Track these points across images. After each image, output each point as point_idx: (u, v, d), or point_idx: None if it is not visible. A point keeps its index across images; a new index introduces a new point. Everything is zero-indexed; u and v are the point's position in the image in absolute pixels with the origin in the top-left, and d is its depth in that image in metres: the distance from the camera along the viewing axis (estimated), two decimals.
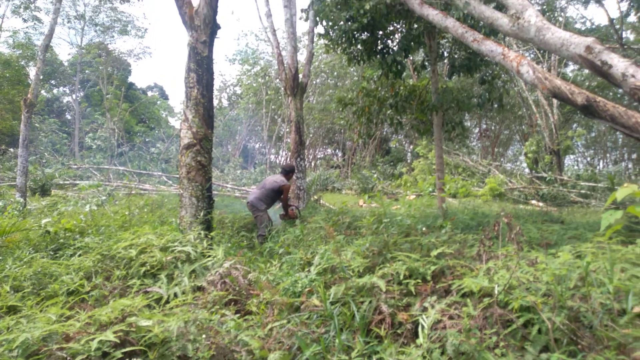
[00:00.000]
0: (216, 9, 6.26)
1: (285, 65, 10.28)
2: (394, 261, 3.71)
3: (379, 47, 9.34)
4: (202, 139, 5.82)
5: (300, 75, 10.53)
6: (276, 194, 7.45)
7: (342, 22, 8.89)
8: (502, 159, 34.85)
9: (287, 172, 7.88)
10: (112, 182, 16.70)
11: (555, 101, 21.44)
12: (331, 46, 9.67)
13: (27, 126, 11.57)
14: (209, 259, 4.40)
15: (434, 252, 3.71)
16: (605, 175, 19.49)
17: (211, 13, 6.15)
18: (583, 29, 23.13)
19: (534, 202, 17.46)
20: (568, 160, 30.10)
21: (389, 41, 9.64)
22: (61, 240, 5.62)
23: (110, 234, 5.61)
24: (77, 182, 17.07)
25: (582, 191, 17.84)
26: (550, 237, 6.07)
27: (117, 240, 4.93)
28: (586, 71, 23.58)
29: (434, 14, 6.30)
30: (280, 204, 7.64)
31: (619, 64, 4.27)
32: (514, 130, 33.52)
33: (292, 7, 10.56)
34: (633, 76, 4.13)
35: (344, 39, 9.05)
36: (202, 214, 5.65)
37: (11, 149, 24.08)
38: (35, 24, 27.57)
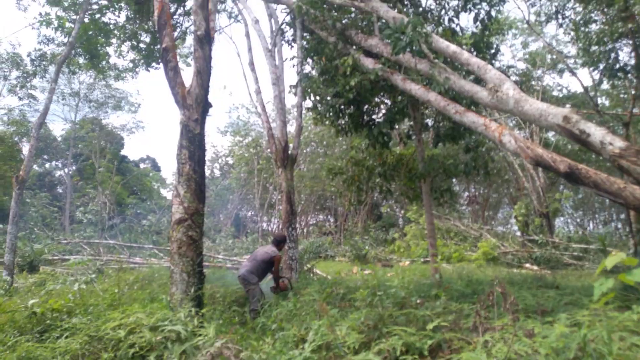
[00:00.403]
0: (208, 88, 6.53)
1: (275, 138, 10.55)
2: (389, 336, 3.64)
3: (365, 120, 9.67)
4: (193, 213, 5.85)
5: (291, 147, 10.78)
6: (268, 265, 7.30)
7: (329, 98, 9.25)
8: (492, 222, 35.02)
9: (279, 242, 7.74)
10: (102, 256, 16.43)
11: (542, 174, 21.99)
12: (319, 119, 10.01)
13: (18, 203, 11.54)
14: (200, 338, 4.28)
15: (430, 325, 3.67)
16: (596, 236, 19.60)
17: (203, 92, 6.40)
18: (560, 96, 24.21)
19: (527, 265, 17.38)
20: (558, 222, 30.35)
21: (375, 114, 10.00)
22: (48, 322, 5.44)
23: (98, 314, 5.46)
24: (67, 257, 16.78)
25: (575, 253, 17.86)
26: (546, 303, 6.00)
27: (105, 320, 4.80)
28: None
29: (416, 89, 6.62)
30: (272, 275, 7.48)
31: (596, 132, 4.47)
32: (502, 193, 33.99)
33: (281, 84, 11.02)
34: (611, 144, 4.31)
35: (331, 113, 9.38)
36: (192, 290, 5.56)
37: (0, 225, 23.81)
38: (30, 101, 28.26)
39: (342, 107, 9.37)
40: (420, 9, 9.76)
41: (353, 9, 8.96)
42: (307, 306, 5.52)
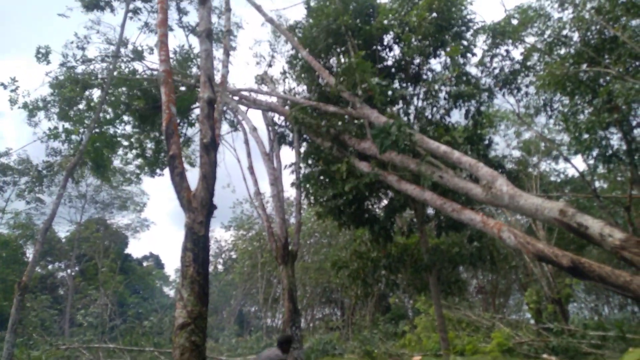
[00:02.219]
0: (213, 192, 6.77)
1: (275, 235, 10.75)
2: None
3: (366, 217, 9.86)
4: (196, 317, 5.79)
5: (292, 243, 10.92)
6: None
7: (326, 199, 9.56)
8: (504, 310, 33.84)
9: (282, 343, 7.29)
10: None
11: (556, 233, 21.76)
12: (321, 216, 10.22)
13: (18, 310, 11.38)
14: None
15: None
16: (613, 323, 18.87)
17: (208, 196, 6.64)
18: (558, 181, 24.60)
19: (545, 356, 16.56)
20: (571, 307, 29.30)
21: (376, 209, 10.22)
22: None
23: None
24: None
25: (592, 341, 17.08)
26: None
27: None
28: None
29: (411, 189, 6.86)
30: None
31: (594, 225, 4.53)
32: (511, 279, 33.26)
33: (279, 184, 11.50)
34: (610, 236, 4.35)
35: (331, 213, 9.63)
36: None
37: None
38: (37, 205, 28.85)
39: (342, 207, 9.64)
40: (412, 109, 10.34)
41: (346, 116, 9.54)
42: None
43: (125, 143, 15.00)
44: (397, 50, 11.25)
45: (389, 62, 11.15)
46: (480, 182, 5.70)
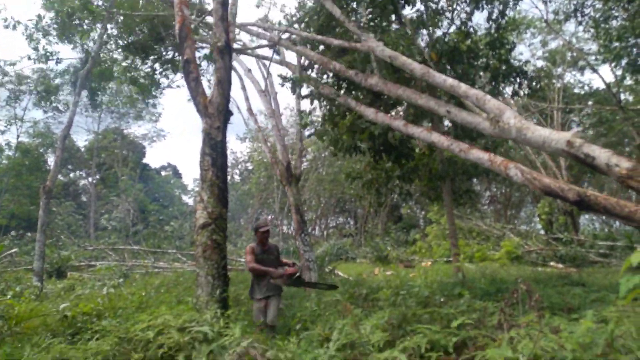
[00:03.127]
0: (229, 97, 6.66)
1: (278, 162, 11.67)
2: (414, 334, 3.66)
3: (382, 148, 9.63)
4: (217, 218, 5.95)
5: (293, 167, 11.69)
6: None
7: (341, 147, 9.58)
8: (515, 221, 34.49)
9: (254, 230, 6.28)
10: (127, 261, 16.75)
11: (563, 163, 21.59)
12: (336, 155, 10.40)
13: (45, 211, 11.86)
14: (226, 338, 4.36)
15: (455, 323, 3.67)
16: (623, 233, 19.16)
17: (224, 101, 6.53)
18: (582, 93, 23.75)
19: (552, 264, 17.09)
20: (583, 219, 29.67)
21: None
22: (79, 324, 5.61)
23: (127, 316, 5.60)
24: (93, 263, 17.14)
25: (601, 250, 17.48)
26: (573, 301, 5.94)
27: (134, 322, 4.92)
28: (590, 132, 23.94)
29: (418, 132, 6.72)
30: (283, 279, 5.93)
31: (601, 155, 4.49)
32: (524, 192, 33.47)
33: (277, 117, 12.59)
34: (617, 165, 4.32)
35: (348, 152, 9.66)
36: (218, 292, 5.65)
37: (28, 233, 24.44)
38: (54, 114, 29.04)
39: (357, 148, 9.68)
40: (433, 7, 9.74)
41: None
42: (331, 307, 5.56)
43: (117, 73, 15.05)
44: None
45: None
46: (488, 115, 5.55)
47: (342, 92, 9.47)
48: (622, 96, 21.60)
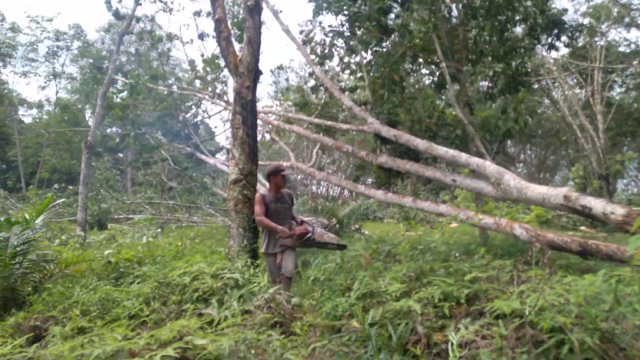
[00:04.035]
0: (258, 57, 6.81)
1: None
2: (429, 285, 3.89)
3: None
4: (247, 174, 6.25)
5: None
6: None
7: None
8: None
9: (268, 176, 5.50)
10: (163, 215, 17.50)
11: (600, 125, 20.89)
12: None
13: (87, 166, 12.49)
14: (255, 285, 4.71)
15: (468, 277, 3.87)
16: None
17: (254, 61, 6.69)
18: (627, 51, 22.63)
19: (583, 228, 16.89)
20: (620, 184, 28.82)
21: None
22: (121, 270, 6.11)
23: (165, 263, 6.05)
24: (131, 216, 18.00)
25: None
26: (591, 263, 6.02)
27: (171, 269, 5.34)
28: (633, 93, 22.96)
29: (427, 205, 8.34)
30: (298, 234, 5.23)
31: (596, 205, 4.81)
32: (560, 155, 32.64)
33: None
34: (613, 213, 4.58)
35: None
36: (248, 243, 6.01)
37: (70, 187, 25.56)
38: (90, 70, 29.69)
39: None
40: None
41: None
42: (353, 260, 5.85)
43: None
44: None
45: None
46: (489, 179, 5.98)
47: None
48: None
